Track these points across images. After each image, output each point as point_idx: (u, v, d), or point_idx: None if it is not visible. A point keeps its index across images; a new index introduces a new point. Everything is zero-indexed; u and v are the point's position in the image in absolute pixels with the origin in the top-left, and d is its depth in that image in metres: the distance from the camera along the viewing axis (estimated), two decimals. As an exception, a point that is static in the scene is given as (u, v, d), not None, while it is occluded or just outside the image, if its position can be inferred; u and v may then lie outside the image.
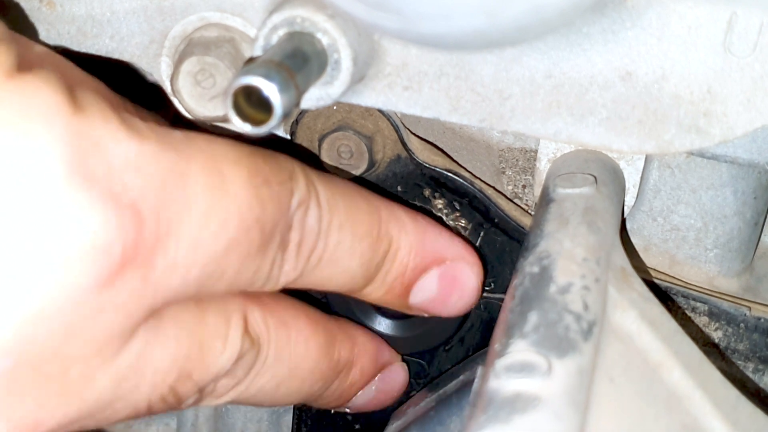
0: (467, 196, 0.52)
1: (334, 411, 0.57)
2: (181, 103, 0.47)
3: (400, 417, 0.52)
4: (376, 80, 0.46)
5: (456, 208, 0.52)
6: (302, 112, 0.51)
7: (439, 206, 0.52)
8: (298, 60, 0.41)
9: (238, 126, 0.39)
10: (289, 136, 0.52)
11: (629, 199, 0.49)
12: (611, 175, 0.47)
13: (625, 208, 0.49)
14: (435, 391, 0.51)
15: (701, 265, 0.52)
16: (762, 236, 0.54)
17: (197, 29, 0.47)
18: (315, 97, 0.44)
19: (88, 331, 0.36)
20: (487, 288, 0.53)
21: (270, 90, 0.38)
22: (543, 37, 0.44)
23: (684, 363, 0.40)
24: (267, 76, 0.38)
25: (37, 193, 0.34)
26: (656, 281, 0.51)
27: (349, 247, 0.45)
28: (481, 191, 0.52)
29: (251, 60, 0.45)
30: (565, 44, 0.44)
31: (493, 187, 0.53)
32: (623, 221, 0.50)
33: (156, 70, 0.49)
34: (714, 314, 0.50)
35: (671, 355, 0.40)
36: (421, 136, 0.53)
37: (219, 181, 0.38)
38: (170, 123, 0.43)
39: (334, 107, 0.50)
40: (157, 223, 0.36)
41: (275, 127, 0.39)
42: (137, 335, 0.38)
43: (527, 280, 0.39)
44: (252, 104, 0.38)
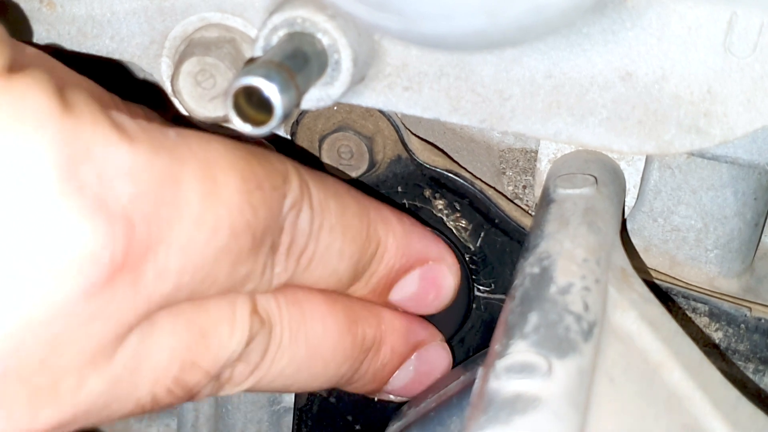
0: (468, 196, 0.52)
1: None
2: (181, 103, 0.47)
3: (401, 417, 0.52)
4: (376, 81, 0.46)
5: (456, 209, 0.52)
6: (302, 113, 0.51)
7: (440, 207, 0.52)
8: (299, 60, 0.41)
9: (238, 126, 0.39)
10: (289, 137, 0.52)
11: (629, 200, 0.49)
12: (612, 175, 0.47)
13: (626, 208, 0.49)
14: (435, 392, 0.51)
15: (702, 265, 0.52)
16: (762, 237, 0.54)
17: (198, 30, 0.47)
18: (315, 97, 0.44)
19: (78, 340, 0.35)
20: (487, 289, 0.53)
21: (270, 90, 0.38)
22: (543, 37, 0.44)
23: (684, 363, 0.40)
24: (267, 77, 0.38)
25: (29, 199, 0.33)
26: (657, 282, 0.51)
27: (339, 249, 0.45)
28: (481, 192, 0.52)
29: (252, 60, 0.45)
30: (565, 44, 0.44)
31: (494, 188, 0.53)
32: (624, 222, 0.50)
33: (156, 70, 0.49)
34: (714, 315, 0.50)
35: (671, 355, 0.40)
36: (421, 136, 0.53)
37: (211, 186, 0.38)
38: (170, 123, 0.42)
39: (335, 108, 0.50)
40: (147, 230, 0.36)
41: (276, 127, 0.39)
42: (130, 337, 0.38)
43: (527, 281, 0.39)
44: (252, 105, 0.38)
